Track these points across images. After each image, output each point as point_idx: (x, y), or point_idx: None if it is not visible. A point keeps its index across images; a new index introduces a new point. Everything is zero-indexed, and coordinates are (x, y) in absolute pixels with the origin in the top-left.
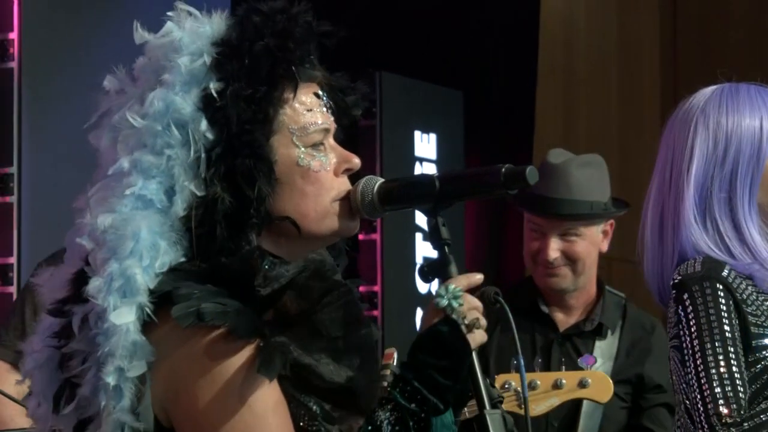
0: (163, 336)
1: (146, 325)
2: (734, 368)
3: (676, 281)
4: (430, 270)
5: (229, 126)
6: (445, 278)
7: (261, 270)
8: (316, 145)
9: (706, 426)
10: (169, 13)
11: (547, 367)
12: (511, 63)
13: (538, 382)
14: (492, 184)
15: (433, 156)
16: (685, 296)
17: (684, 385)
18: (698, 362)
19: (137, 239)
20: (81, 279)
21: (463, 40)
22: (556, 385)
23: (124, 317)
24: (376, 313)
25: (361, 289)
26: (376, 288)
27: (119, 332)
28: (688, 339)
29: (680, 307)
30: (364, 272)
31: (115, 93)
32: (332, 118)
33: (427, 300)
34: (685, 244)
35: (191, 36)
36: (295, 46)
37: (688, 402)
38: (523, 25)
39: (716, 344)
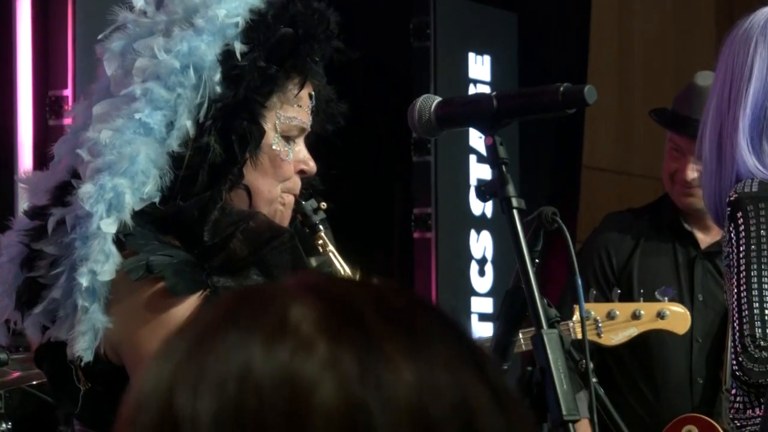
0: (117, 279)
1: None
2: None
3: (731, 198)
4: (488, 189)
5: (238, 87)
6: (502, 198)
7: (212, 216)
8: (289, 138)
9: (739, 346)
10: None
11: (690, 284)
12: None
13: (617, 312)
14: (550, 103)
15: (488, 78)
16: (739, 214)
17: (731, 305)
18: (742, 281)
19: (133, 161)
20: (64, 189)
21: None
22: (635, 316)
23: (109, 227)
24: (429, 235)
25: (415, 211)
26: (430, 210)
27: (99, 238)
28: (736, 258)
29: (732, 225)
30: (418, 194)
31: (136, 12)
32: (311, 121)
33: (480, 222)
34: (741, 165)
35: None
36: (317, 47)
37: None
38: None
39: (762, 266)
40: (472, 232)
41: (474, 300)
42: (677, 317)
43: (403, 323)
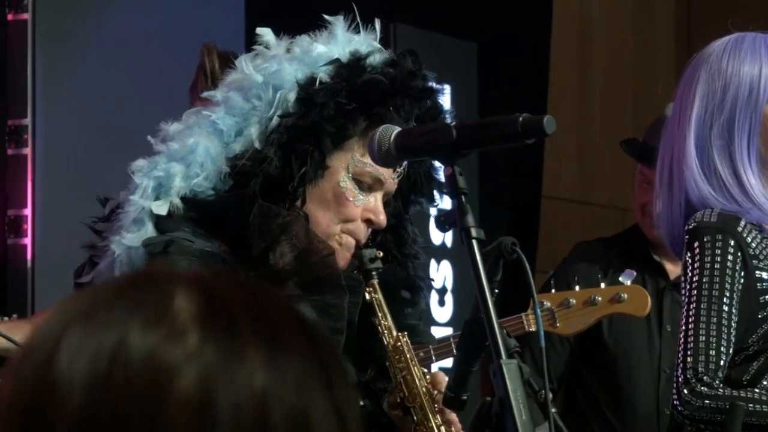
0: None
1: None
2: (724, 328)
3: (690, 227)
4: (447, 219)
5: (310, 110)
6: (462, 228)
7: (256, 220)
8: (361, 183)
9: (681, 377)
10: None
11: (659, 315)
12: (525, 14)
13: (572, 301)
14: (509, 133)
15: (447, 107)
16: (696, 245)
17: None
18: (691, 313)
19: (192, 151)
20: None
21: None
22: (591, 302)
23: (148, 200)
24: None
25: None
26: None
27: (135, 207)
28: (688, 289)
29: (689, 254)
30: None
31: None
32: (395, 180)
33: (440, 251)
34: (690, 193)
35: (343, 39)
36: (407, 102)
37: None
38: None
39: (713, 299)
40: (432, 262)
41: (434, 330)
42: (635, 298)
43: (270, 333)
